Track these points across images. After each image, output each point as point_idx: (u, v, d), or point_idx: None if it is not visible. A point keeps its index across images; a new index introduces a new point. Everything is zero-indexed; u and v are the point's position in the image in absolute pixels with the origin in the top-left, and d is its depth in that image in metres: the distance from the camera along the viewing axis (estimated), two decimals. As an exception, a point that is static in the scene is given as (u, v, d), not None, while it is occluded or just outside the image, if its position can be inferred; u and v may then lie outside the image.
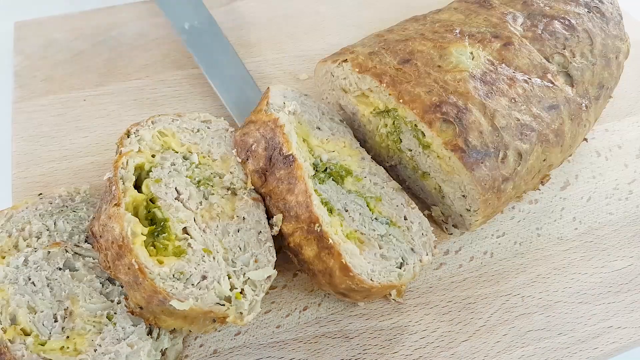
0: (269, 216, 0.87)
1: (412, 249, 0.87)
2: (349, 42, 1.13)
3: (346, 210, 0.87)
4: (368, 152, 1.00)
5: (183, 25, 1.24)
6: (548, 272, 0.97)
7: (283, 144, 0.86)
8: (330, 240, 0.79)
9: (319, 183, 0.88)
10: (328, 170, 0.91)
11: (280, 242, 0.87)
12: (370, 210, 0.89)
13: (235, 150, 0.94)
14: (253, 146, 0.91)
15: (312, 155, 0.92)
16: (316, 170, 0.90)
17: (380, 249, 0.85)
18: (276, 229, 0.85)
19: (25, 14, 1.38)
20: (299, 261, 0.86)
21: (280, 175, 0.86)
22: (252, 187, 0.90)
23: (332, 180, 0.90)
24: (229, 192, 0.88)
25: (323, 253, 0.80)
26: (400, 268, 0.84)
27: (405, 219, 0.90)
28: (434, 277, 0.96)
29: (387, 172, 0.98)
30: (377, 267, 0.82)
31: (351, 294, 0.84)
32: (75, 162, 1.06)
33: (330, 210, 0.86)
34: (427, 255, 0.87)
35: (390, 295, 0.91)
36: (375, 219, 0.88)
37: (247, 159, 0.91)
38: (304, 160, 0.86)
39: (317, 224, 0.80)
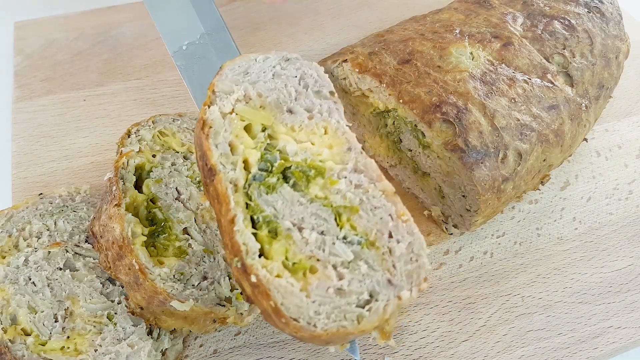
0: None
1: (388, 281, 0.62)
2: (349, 42, 1.13)
3: (300, 229, 0.65)
4: (367, 152, 0.94)
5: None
6: (548, 272, 0.97)
7: (206, 152, 0.68)
8: (253, 277, 0.60)
9: (267, 193, 0.66)
10: (291, 169, 0.68)
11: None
12: (338, 225, 0.66)
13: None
14: (196, 152, 0.72)
15: (270, 150, 0.70)
16: (269, 172, 0.68)
17: (339, 280, 0.62)
18: (222, 256, 0.78)
19: (25, 14, 1.39)
20: (246, 299, 0.67)
21: (212, 191, 0.68)
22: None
23: (293, 184, 0.68)
24: (229, 192, 0.88)
25: (256, 291, 0.61)
26: (365, 307, 0.61)
27: (391, 236, 0.65)
28: (434, 277, 0.96)
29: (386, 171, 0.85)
30: (325, 307, 0.60)
31: (307, 340, 0.63)
32: (75, 162, 1.06)
33: (276, 231, 0.65)
34: (409, 290, 0.62)
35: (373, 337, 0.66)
36: (343, 237, 0.65)
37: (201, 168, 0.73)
38: (231, 169, 0.67)
39: (236, 258, 0.62)
